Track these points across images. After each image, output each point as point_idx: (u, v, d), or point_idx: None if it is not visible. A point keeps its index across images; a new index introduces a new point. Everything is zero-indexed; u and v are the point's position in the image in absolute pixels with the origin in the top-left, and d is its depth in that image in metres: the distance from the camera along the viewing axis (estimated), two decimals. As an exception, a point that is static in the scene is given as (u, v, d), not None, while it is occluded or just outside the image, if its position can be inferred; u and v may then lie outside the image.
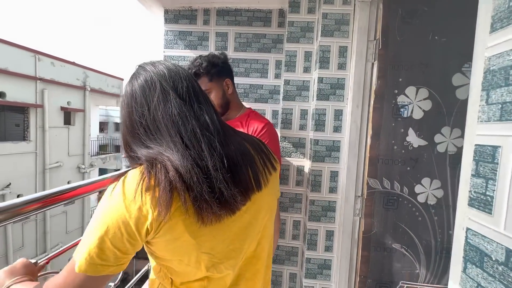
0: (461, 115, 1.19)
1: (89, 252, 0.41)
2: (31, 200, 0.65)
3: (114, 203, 0.43)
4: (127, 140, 0.52)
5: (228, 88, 1.14)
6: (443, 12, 1.17)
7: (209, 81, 1.09)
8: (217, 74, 1.09)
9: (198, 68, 1.07)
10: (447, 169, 1.21)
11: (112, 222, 0.42)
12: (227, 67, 1.14)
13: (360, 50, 1.24)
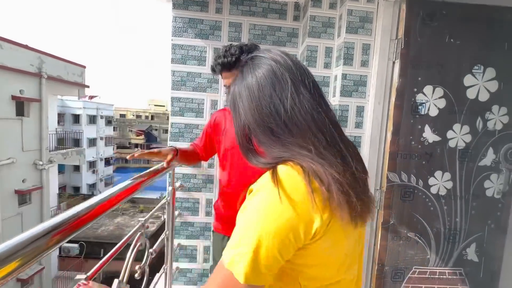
0: (470, 113, 1.30)
1: (256, 261, 0.38)
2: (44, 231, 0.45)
3: (280, 207, 0.39)
4: (255, 135, 0.50)
5: None
6: (458, 16, 1.25)
7: None
8: None
9: (238, 56, 0.99)
10: (456, 163, 1.33)
11: (280, 228, 0.38)
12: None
13: (383, 48, 1.28)
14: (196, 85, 1.56)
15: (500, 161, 1.34)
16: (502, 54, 1.28)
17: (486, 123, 1.31)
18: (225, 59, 1.02)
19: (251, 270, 0.38)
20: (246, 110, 0.48)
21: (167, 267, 1.37)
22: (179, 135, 1.58)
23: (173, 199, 1.32)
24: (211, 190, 1.63)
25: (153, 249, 1.14)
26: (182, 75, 1.55)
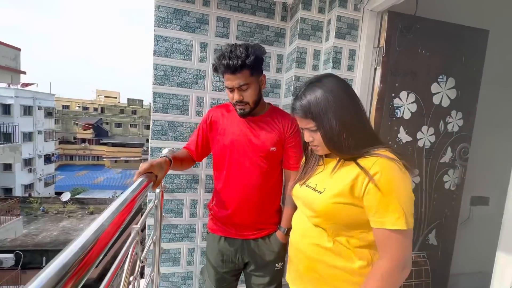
0: (435, 116, 1.49)
1: (411, 212, 0.66)
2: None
3: (408, 180, 0.69)
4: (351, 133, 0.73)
5: (262, 84, 1.11)
6: (429, 31, 1.41)
7: (250, 75, 1.02)
8: (258, 69, 1.04)
9: (244, 60, 0.98)
10: (423, 160, 1.51)
11: (411, 192, 0.69)
12: (262, 62, 1.09)
13: (367, 55, 1.38)
14: (181, 80, 1.48)
15: (455, 158, 1.57)
16: (460, 66, 1.48)
17: (446, 126, 1.52)
18: (230, 62, 0.98)
19: (411, 218, 0.67)
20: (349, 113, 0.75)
21: (153, 274, 1.29)
22: (162, 133, 1.48)
23: (161, 202, 1.25)
24: (196, 190, 1.57)
25: (143, 257, 1.06)
26: (165, 69, 1.45)
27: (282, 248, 1.21)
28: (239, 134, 1.14)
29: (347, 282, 0.75)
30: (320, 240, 0.78)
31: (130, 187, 0.79)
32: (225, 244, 1.22)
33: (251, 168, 1.14)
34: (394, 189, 0.65)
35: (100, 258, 0.45)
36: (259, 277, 1.22)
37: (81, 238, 0.45)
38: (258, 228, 1.20)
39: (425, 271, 1.60)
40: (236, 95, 1.05)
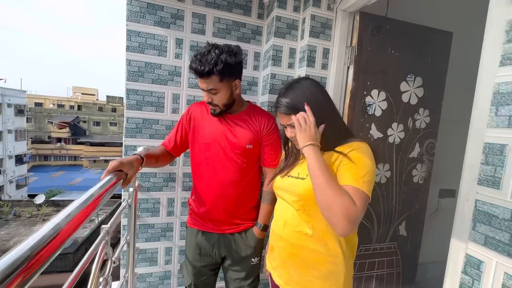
0: (404, 114, 1.56)
1: (370, 185, 0.75)
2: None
3: (371, 156, 0.80)
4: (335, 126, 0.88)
5: (236, 89, 1.11)
6: (398, 32, 1.47)
7: (219, 81, 1.03)
8: (229, 75, 1.04)
9: (212, 68, 0.98)
10: (393, 156, 1.58)
11: (374, 165, 0.79)
12: (239, 68, 1.10)
13: (340, 54, 1.42)
14: (156, 77, 1.45)
15: (423, 153, 1.65)
16: (427, 66, 1.57)
17: (414, 123, 1.60)
18: (199, 67, 0.99)
19: (371, 188, 0.75)
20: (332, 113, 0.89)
21: (128, 275, 1.27)
22: (136, 131, 1.45)
23: (135, 201, 1.22)
24: (174, 188, 1.55)
25: (115, 257, 1.04)
26: (139, 65, 1.41)
27: (259, 244, 1.24)
28: (216, 132, 1.16)
29: (327, 262, 0.84)
30: (301, 228, 0.86)
31: (96, 185, 0.77)
32: (203, 238, 1.24)
33: (228, 165, 1.16)
34: (362, 161, 0.77)
35: (55, 255, 0.44)
36: (235, 271, 1.24)
37: (36, 234, 0.44)
38: (235, 223, 1.23)
39: (395, 261, 1.68)
40: (206, 97, 1.09)
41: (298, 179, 0.88)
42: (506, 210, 0.64)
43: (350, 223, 0.69)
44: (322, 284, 0.86)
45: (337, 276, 0.85)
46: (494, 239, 0.66)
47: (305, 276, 0.88)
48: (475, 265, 0.70)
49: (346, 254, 0.86)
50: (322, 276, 0.86)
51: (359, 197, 0.71)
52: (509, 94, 0.64)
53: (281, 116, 0.90)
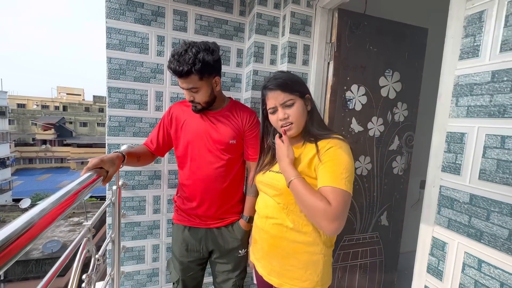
0: (383, 108, 1.61)
1: (350, 181, 0.78)
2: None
3: (349, 152, 0.82)
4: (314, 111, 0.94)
5: (216, 86, 1.13)
6: (376, 28, 1.51)
7: (199, 80, 1.04)
8: (208, 72, 1.05)
9: (191, 68, 0.99)
10: (374, 148, 1.64)
11: (351, 161, 0.81)
12: (218, 65, 1.10)
13: (320, 50, 1.45)
14: (138, 74, 1.44)
15: (402, 145, 1.72)
16: (404, 61, 1.62)
17: (393, 116, 1.65)
18: (177, 67, 0.99)
19: (351, 183, 0.78)
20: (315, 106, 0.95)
21: (113, 273, 1.27)
22: (119, 129, 1.44)
23: (119, 199, 1.22)
24: (159, 186, 1.56)
25: (99, 255, 1.04)
26: (120, 63, 1.40)
27: (245, 236, 1.26)
28: (199, 129, 1.17)
29: (306, 252, 0.88)
30: (282, 221, 0.89)
31: (75, 181, 0.77)
32: (190, 234, 1.25)
33: (212, 161, 1.18)
34: (338, 158, 0.80)
35: (25, 249, 0.45)
36: (223, 264, 1.27)
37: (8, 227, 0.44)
38: (222, 218, 1.25)
39: (378, 250, 1.74)
40: (187, 96, 1.10)
41: (279, 173, 0.91)
42: (465, 194, 0.69)
43: (331, 222, 0.73)
44: (303, 272, 0.89)
45: (316, 265, 0.89)
46: (456, 221, 0.71)
47: (286, 266, 0.91)
48: (440, 247, 0.75)
49: (325, 244, 0.90)
50: (302, 265, 0.89)
51: (336, 196, 0.74)
52: (468, 85, 0.69)
53: (275, 94, 0.88)
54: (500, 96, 0.61)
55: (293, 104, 0.87)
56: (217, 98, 1.17)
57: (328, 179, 0.77)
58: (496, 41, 0.62)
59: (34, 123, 26.51)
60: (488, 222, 0.63)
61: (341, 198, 0.75)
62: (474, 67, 0.67)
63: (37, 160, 26.12)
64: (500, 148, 0.61)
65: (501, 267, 0.60)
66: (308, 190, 0.78)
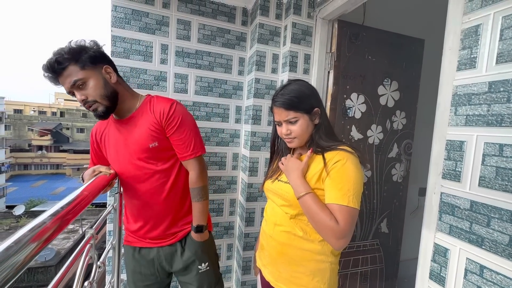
0: (382, 116, 1.64)
1: (357, 196, 0.78)
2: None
3: (357, 165, 0.81)
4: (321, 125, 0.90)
5: (110, 76, 0.96)
6: (374, 38, 1.56)
7: (81, 69, 0.89)
8: (90, 60, 0.90)
9: (61, 55, 0.86)
10: (373, 156, 1.66)
11: (360, 175, 0.80)
12: (102, 55, 0.95)
13: (321, 59, 1.49)
14: (141, 82, 1.47)
15: (401, 153, 1.74)
16: (402, 71, 1.66)
17: (392, 124, 1.68)
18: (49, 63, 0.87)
19: (358, 201, 0.78)
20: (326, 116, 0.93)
21: (113, 280, 1.26)
22: (122, 135, 1.45)
23: (120, 205, 1.22)
24: (160, 192, 1.56)
25: (100, 262, 1.03)
26: (124, 70, 1.42)
27: (202, 248, 1.12)
28: (116, 143, 1.05)
29: (314, 260, 0.88)
30: (291, 229, 0.90)
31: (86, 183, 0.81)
32: (141, 255, 1.14)
33: (141, 174, 1.04)
34: (346, 174, 0.79)
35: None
36: (187, 284, 1.15)
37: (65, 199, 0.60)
38: (173, 233, 1.12)
39: (378, 257, 1.74)
40: (78, 97, 0.91)
41: (287, 184, 0.90)
42: (466, 200, 0.70)
43: (338, 240, 0.76)
44: (310, 280, 0.89)
45: (323, 273, 0.89)
46: (457, 227, 0.72)
47: (293, 273, 0.91)
48: (442, 253, 0.76)
49: (333, 252, 0.90)
50: (309, 273, 0.89)
51: (343, 215, 0.76)
52: (466, 95, 0.71)
53: (279, 111, 0.88)
54: (497, 106, 0.64)
55: (296, 121, 0.87)
56: (124, 97, 1.01)
57: (336, 196, 0.78)
58: (492, 53, 0.65)
59: (30, 129, 26.33)
60: (489, 228, 0.65)
61: (348, 216, 0.76)
62: (471, 77, 0.70)
63: (33, 166, 25.83)
64: (499, 156, 0.63)
65: (502, 272, 0.62)
66: (318, 207, 0.78)
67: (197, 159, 1.07)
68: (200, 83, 1.58)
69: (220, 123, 1.66)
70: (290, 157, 0.92)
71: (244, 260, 1.62)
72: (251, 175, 1.57)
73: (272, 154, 1.07)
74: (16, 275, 0.38)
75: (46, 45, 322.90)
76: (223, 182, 1.71)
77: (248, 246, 1.61)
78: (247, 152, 1.59)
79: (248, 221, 1.60)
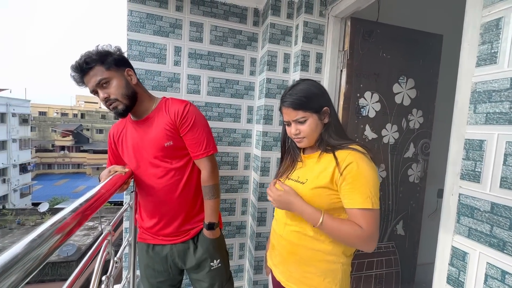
0: (398, 115, 1.60)
1: (377, 196, 0.78)
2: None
3: (371, 164, 0.80)
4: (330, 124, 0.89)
5: (131, 79, 1.04)
6: (388, 35, 1.52)
7: (106, 70, 0.97)
8: (115, 63, 0.99)
9: (89, 56, 0.94)
10: (388, 156, 1.61)
11: (375, 175, 0.79)
12: (124, 59, 1.05)
13: (333, 58, 1.47)
14: (156, 83, 1.51)
15: (418, 153, 1.68)
16: (418, 68, 1.61)
17: (408, 123, 1.63)
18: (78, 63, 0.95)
19: (377, 200, 0.78)
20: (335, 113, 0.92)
21: (129, 276, 1.30)
22: (137, 135, 1.49)
23: (136, 202, 1.26)
24: (174, 191, 1.59)
25: (117, 257, 1.07)
26: (139, 73, 1.47)
27: (214, 245, 1.15)
28: (134, 143, 1.10)
29: (325, 260, 0.88)
30: (302, 228, 0.89)
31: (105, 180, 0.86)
32: (154, 252, 1.18)
33: (157, 171, 1.09)
34: (363, 176, 0.78)
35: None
36: (199, 281, 1.18)
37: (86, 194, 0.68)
38: (186, 230, 1.15)
39: (394, 260, 1.70)
40: (100, 94, 0.98)
41: (298, 182, 0.90)
42: (486, 202, 0.67)
43: (367, 244, 0.78)
44: (321, 280, 0.88)
45: (334, 273, 0.88)
46: (477, 230, 0.69)
47: (304, 273, 0.91)
48: (461, 257, 0.73)
49: (345, 253, 0.89)
50: (320, 273, 0.88)
51: (366, 219, 0.77)
52: (485, 92, 0.68)
53: (288, 111, 0.88)
54: (521, 103, 0.61)
55: (305, 121, 0.86)
56: (142, 98, 1.08)
57: (356, 201, 0.78)
58: (514, 48, 0.62)
59: (54, 130, 27.69)
60: (511, 232, 0.61)
61: (371, 219, 0.77)
62: (492, 74, 0.67)
63: (56, 166, 27.13)
64: (522, 156, 0.60)
65: (526, 278, 0.58)
66: (339, 224, 0.78)
67: (209, 158, 1.11)
68: (212, 84, 1.61)
69: (232, 123, 1.67)
70: (271, 190, 0.90)
71: (256, 260, 1.63)
72: (263, 175, 1.58)
73: (283, 154, 1.07)
74: (40, 265, 0.41)
75: (68, 51, 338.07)
76: (235, 181, 1.73)
77: (260, 245, 1.62)
78: (258, 152, 1.60)
79: (260, 221, 1.60)
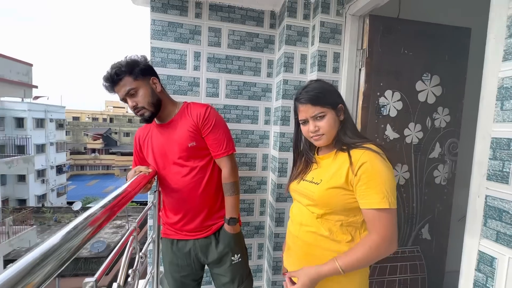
0: (421, 113, 1.53)
1: (394, 195, 0.77)
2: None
3: (386, 163, 0.80)
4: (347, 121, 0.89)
5: (156, 87, 1.12)
6: (410, 31, 1.46)
7: (134, 80, 1.05)
8: (141, 72, 1.07)
9: (119, 68, 1.03)
10: (411, 156, 1.55)
11: (391, 173, 0.79)
12: (150, 68, 1.13)
13: (351, 57, 1.45)
14: (177, 88, 1.58)
15: (444, 153, 1.60)
16: (444, 64, 1.53)
17: (433, 122, 1.56)
18: (108, 74, 1.05)
19: (394, 199, 0.77)
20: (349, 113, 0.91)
21: (154, 271, 1.37)
22: (160, 138, 1.57)
23: (159, 201, 1.33)
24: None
25: (142, 253, 1.14)
26: (162, 78, 1.54)
27: (235, 240, 1.21)
28: (159, 145, 1.18)
29: None
30: (317, 229, 0.89)
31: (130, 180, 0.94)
32: (178, 247, 1.24)
33: (181, 171, 1.16)
34: (379, 175, 0.78)
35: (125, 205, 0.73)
36: (220, 276, 1.23)
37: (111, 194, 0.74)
38: (208, 226, 1.21)
39: (420, 266, 1.62)
40: (130, 104, 1.08)
41: (312, 183, 0.90)
42: (516, 204, 0.63)
43: (388, 249, 0.79)
44: (338, 281, 0.87)
45: (351, 275, 0.86)
46: (506, 234, 0.65)
47: None
48: (488, 262, 0.69)
49: None
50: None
51: (382, 221, 0.77)
52: (513, 88, 0.64)
53: (305, 108, 0.87)
54: (553, 98, 0.57)
55: (324, 116, 0.85)
56: (166, 104, 1.16)
57: (372, 201, 0.77)
58: (545, 40, 0.58)
59: (85, 134, 29.66)
60: (545, 236, 0.57)
61: (388, 221, 0.77)
62: (520, 68, 0.63)
63: (87, 167, 28.98)
64: (555, 155, 0.56)
65: (562, 287, 0.54)
66: (356, 255, 0.78)
67: (229, 157, 1.18)
68: (230, 86, 1.65)
69: (250, 124, 1.70)
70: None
71: (274, 260, 1.64)
72: (280, 176, 1.59)
73: (295, 158, 1.05)
74: (73, 256, 0.45)
75: (97, 59, 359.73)
76: (253, 182, 1.75)
77: (278, 246, 1.62)
78: (276, 153, 1.61)
79: (278, 221, 1.61)
